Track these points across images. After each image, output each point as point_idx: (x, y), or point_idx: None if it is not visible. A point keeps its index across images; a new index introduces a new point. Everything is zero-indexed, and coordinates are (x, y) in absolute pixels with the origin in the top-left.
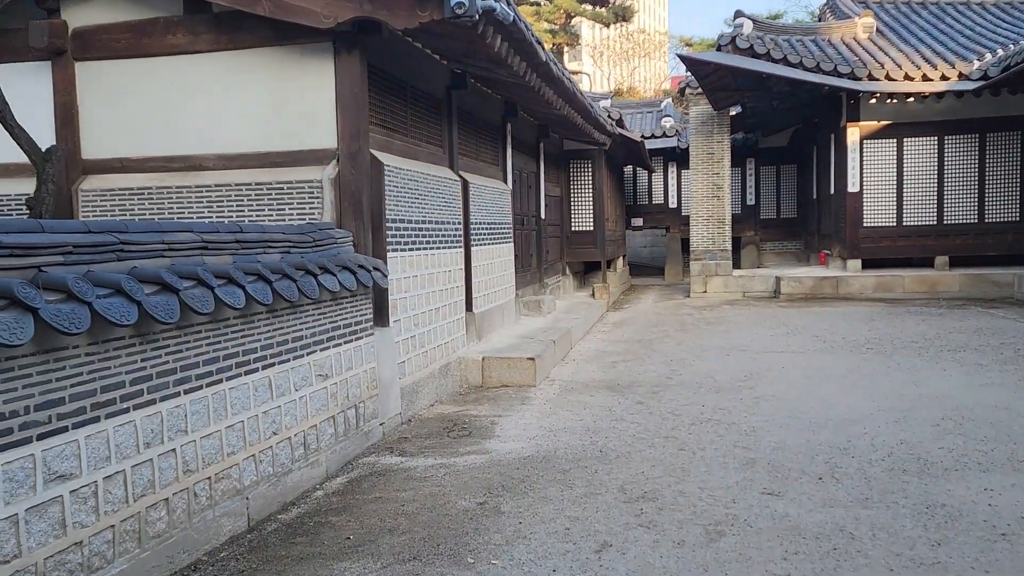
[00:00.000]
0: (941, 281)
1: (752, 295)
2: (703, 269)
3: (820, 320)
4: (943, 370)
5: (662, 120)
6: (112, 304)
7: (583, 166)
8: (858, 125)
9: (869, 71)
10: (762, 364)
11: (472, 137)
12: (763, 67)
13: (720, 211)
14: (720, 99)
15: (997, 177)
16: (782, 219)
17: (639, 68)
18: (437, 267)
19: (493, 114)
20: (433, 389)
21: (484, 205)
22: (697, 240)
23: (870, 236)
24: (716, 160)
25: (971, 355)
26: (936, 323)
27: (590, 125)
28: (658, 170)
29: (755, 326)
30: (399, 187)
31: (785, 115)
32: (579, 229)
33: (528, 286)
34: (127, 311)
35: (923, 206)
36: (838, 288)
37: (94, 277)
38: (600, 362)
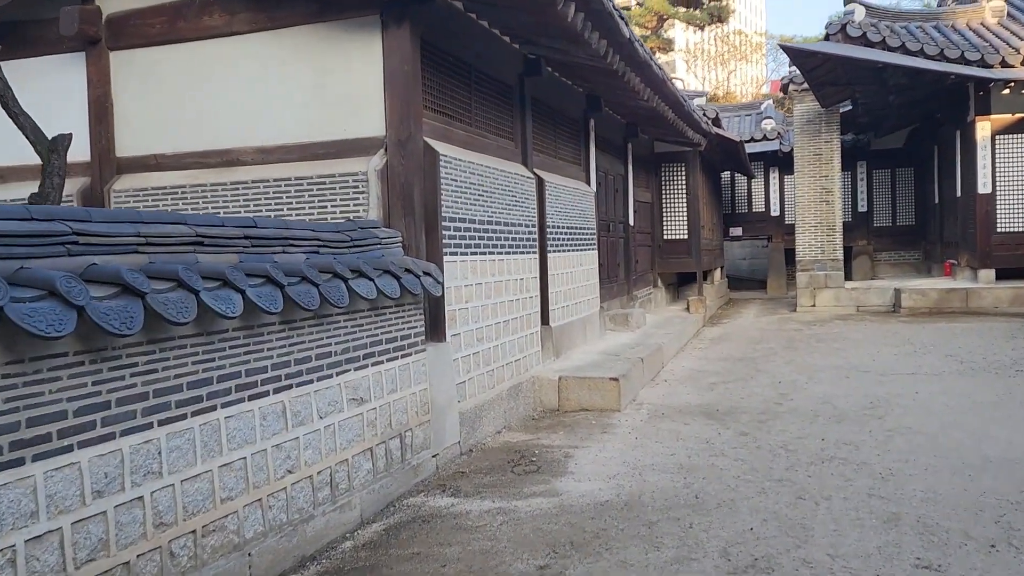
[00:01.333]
0: None
1: (867, 309)
2: (811, 281)
3: (951, 337)
4: None
5: (762, 122)
6: (38, 311)
7: (676, 169)
8: (988, 119)
9: (1003, 57)
10: (890, 389)
11: (549, 132)
12: (878, 56)
13: (829, 217)
14: (828, 95)
15: None
16: (898, 227)
17: (736, 72)
18: (506, 274)
19: (574, 107)
20: (500, 414)
21: (563, 207)
22: (804, 249)
23: (1004, 243)
24: (824, 162)
25: None
26: None
27: (682, 121)
28: (759, 176)
29: (875, 344)
30: (458, 181)
31: (902, 112)
32: (672, 238)
33: (615, 298)
34: (59, 320)
35: None
36: (968, 301)
37: (23, 276)
38: (696, 383)
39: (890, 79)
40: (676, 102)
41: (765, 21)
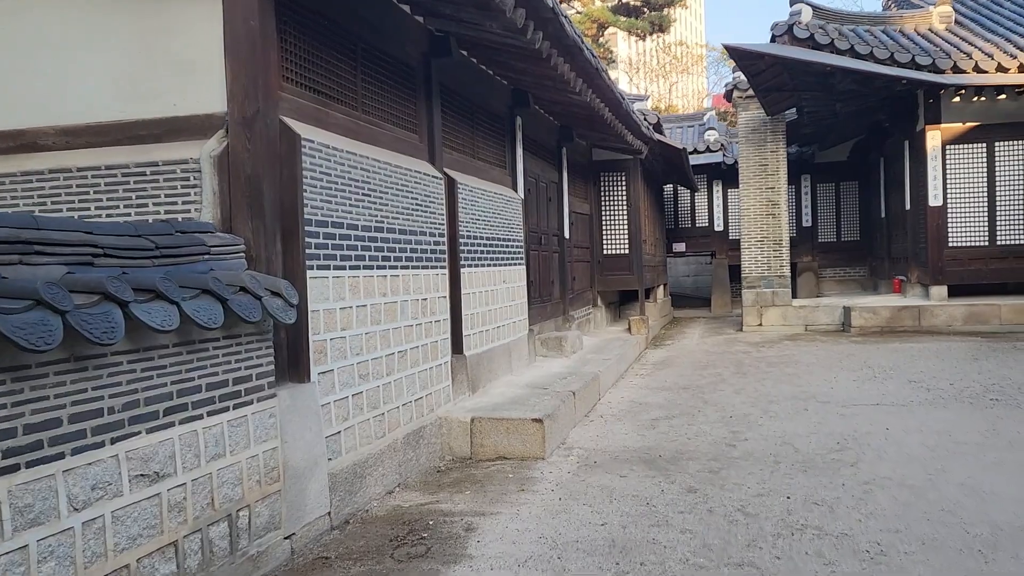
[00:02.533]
0: None
1: (816, 328)
2: (757, 299)
3: (910, 360)
4: None
5: (705, 133)
6: None
7: (616, 179)
8: (939, 128)
9: (954, 62)
10: (856, 424)
11: (466, 128)
12: (827, 59)
13: (776, 231)
14: (774, 101)
15: None
16: (843, 242)
17: (677, 85)
18: (402, 294)
19: (497, 102)
20: (393, 468)
21: (482, 215)
22: (750, 265)
23: (957, 258)
24: (770, 172)
25: None
26: None
27: (621, 124)
28: (702, 189)
29: (831, 368)
30: (332, 176)
31: (848, 122)
32: (612, 253)
33: (548, 319)
34: None
35: (1020, 221)
36: (920, 320)
37: None
38: (636, 419)
39: (838, 84)
40: (613, 100)
41: (704, 33)
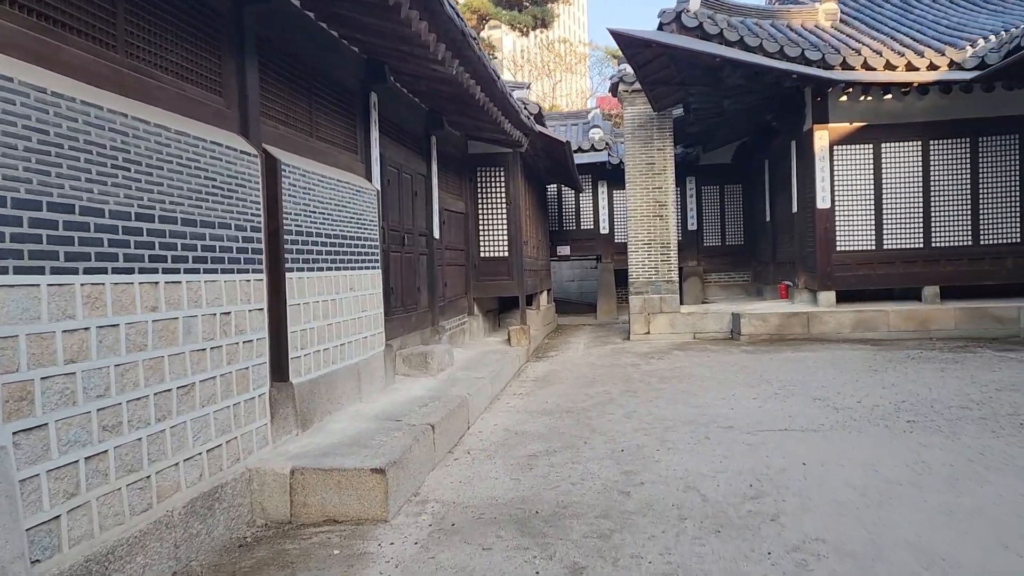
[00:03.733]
0: (933, 316)
1: (705, 336)
2: (645, 305)
3: (807, 372)
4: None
5: (590, 132)
6: None
7: (494, 175)
8: (826, 128)
9: (843, 58)
10: (767, 458)
11: (301, 99)
12: (716, 50)
13: (664, 234)
14: (661, 96)
15: (992, 190)
16: (728, 246)
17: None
18: (183, 308)
19: (345, 71)
20: (164, 554)
21: (321, 207)
22: (638, 270)
23: (845, 262)
24: (657, 172)
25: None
26: (960, 373)
27: (496, 107)
28: (587, 190)
29: (727, 383)
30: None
31: (735, 121)
32: (490, 256)
33: (412, 332)
34: None
35: (907, 225)
36: (810, 327)
37: None
38: (510, 455)
39: (726, 79)
40: (486, 77)
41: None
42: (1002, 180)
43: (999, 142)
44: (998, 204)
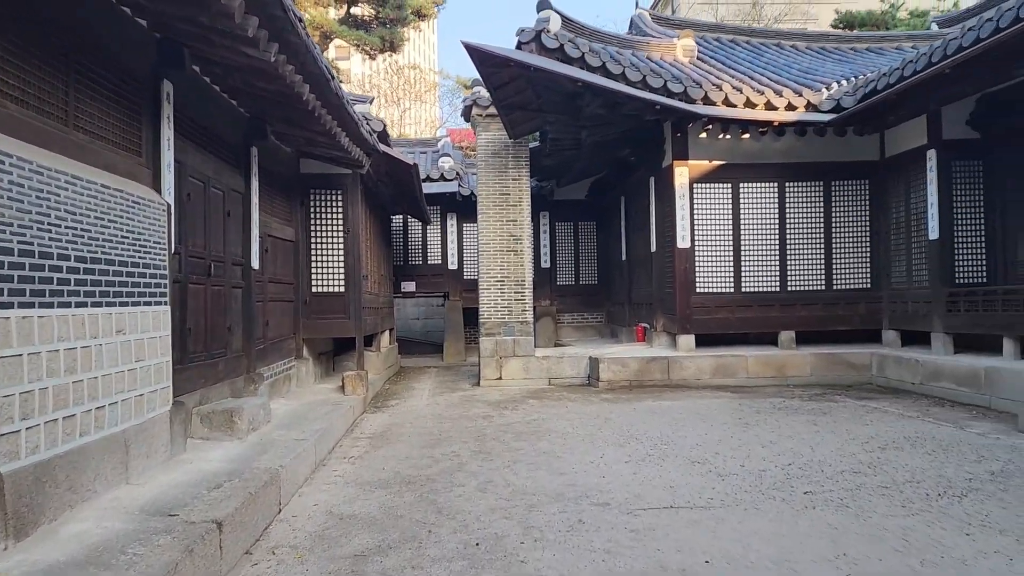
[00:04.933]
0: (790, 363)
1: (561, 382)
2: (497, 348)
3: (675, 426)
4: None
5: (440, 160)
6: None
7: (331, 199)
8: (686, 164)
9: (705, 93)
10: (661, 552)
11: (51, 73)
12: (579, 75)
13: (519, 270)
14: (518, 121)
15: (845, 234)
16: (581, 286)
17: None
18: None
19: (125, 50)
20: None
21: (71, 219)
22: (489, 309)
23: (704, 305)
24: (512, 203)
25: (995, 511)
26: (834, 428)
27: (332, 117)
28: (435, 222)
29: (593, 440)
30: None
31: (592, 155)
32: (324, 290)
33: (218, 383)
34: None
35: (765, 268)
36: (670, 372)
37: None
38: (328, 559)
39: (586, 107)
40: (318, 75)
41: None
42: (853, 225)
43: (850, 187)
44: (850, 249)
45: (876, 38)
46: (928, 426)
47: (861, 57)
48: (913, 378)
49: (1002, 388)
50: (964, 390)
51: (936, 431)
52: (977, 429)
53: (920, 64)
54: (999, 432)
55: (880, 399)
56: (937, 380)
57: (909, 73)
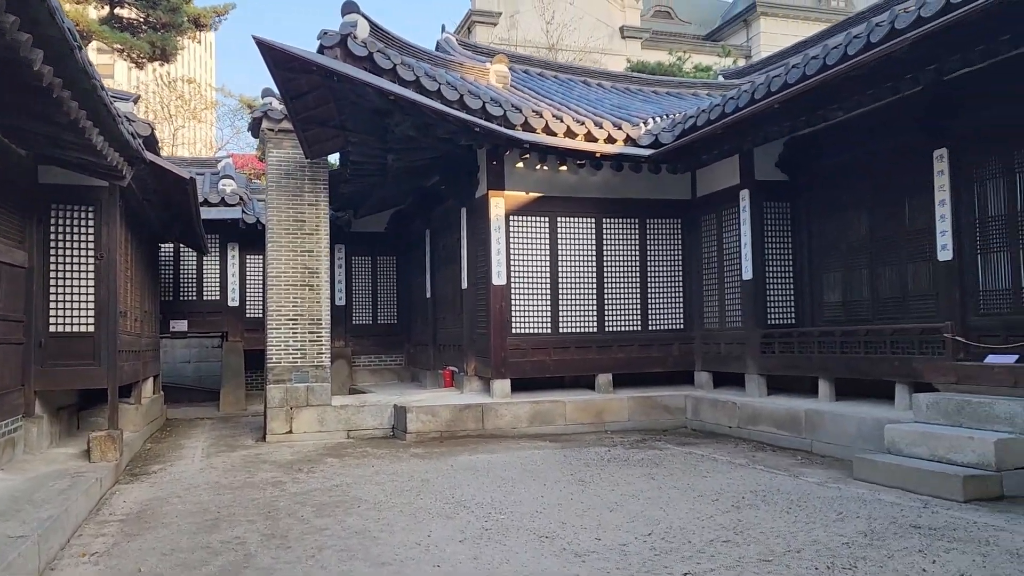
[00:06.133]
0: (608, 407)
1: (362, 435)
2: (287, 396)
3: (504, 485)
4: None
5: (220, 183)
6: None
7: (79, 217)
8: (503, 195)
9: (526, 118)
10: None
11: None
12: (392, 88)
13: (314, 308)
14: (316, 139)
15: (659, 273)
16: (380, 326)
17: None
18: None
19: None
20: None
21: None
22: (279, 351)
23: (520, 347)
24: (309, 231)
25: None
26: (675, 482)
27: (79, 105)
28: (213, 252)
29: (413, 512)
30: None
31: (397, 182)
32: (67, 330)
33: None
34: None
35: (582, 307)
36: (484, 421)
37: None
38: None
39: (396, 127)
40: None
41: (216, 77)
42: (667, 264)
43: (664, 225)
44: (664, 289)
45: (675, 83)
46: (765, 476)
47: (665, 99)
48: (730, 421)
49: (823, 432)
50: (784, 433)
51: (776, 482)
52: (812, 477)
53: (742, 101)
54: (835, 480)
55: (701, 444)
56: (755, 424)
57: (731, 109)
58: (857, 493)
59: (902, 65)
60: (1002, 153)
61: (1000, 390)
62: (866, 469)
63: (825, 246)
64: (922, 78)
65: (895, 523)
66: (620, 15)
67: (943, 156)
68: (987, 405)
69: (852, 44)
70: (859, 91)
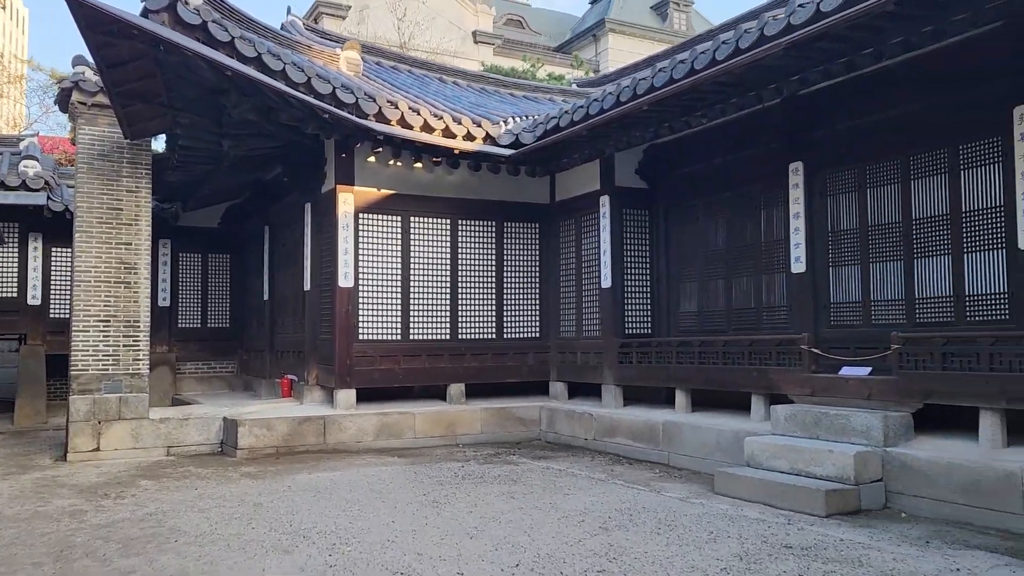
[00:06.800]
0: (460, 419)
1: (186, 452)
2: (95, 408)
3: (349, 509)
4: None
5: (22, 164)
6: None
7: None
8: (352, 190)
9: (380, 108)
10: None
11: None
12: (230, 64)
13: (132, 308)
14: (138, 117)
15: (516, 279)
16: (210, 329)
17: None
18: None
19: None
20: None
21: None
22: (86, 357)
23: (368, 354)
24: (127, 221)
25: None
26: (536, 502)
27: None
28: (10, 243)
29: (243, 544)
30: None
31: (234, 172)
32: None
33: None
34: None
35: (435, 313)
36: (326, 435)
37: None
38: None
39: (234, 108)
40: None
41: (26, 50)
42: (524, 270)
43: (522, 229)
44: (521, 296)
45: (532, 87)
46: (627, 492)
47: (522, 102)
48: (586, 434)
49: (681, 444)
50: (641, 446)
51: (640, 499)
52: (674, 493)
53: (607, 103)
54: (697, 495)
55: (558, 458)
56: (612, 436)
57: (595, 111)
58: (722, 509)
59: (769, 73)
60: (855, 168)
61: (855, 402)
62: (728, 483)
63: (683, 255)
64: (785, 88)
65: (767, 543)
66: (473, 20)
67: (799, 169)
68: (844, 417)
69: (720, 49)
70: (724, 98)
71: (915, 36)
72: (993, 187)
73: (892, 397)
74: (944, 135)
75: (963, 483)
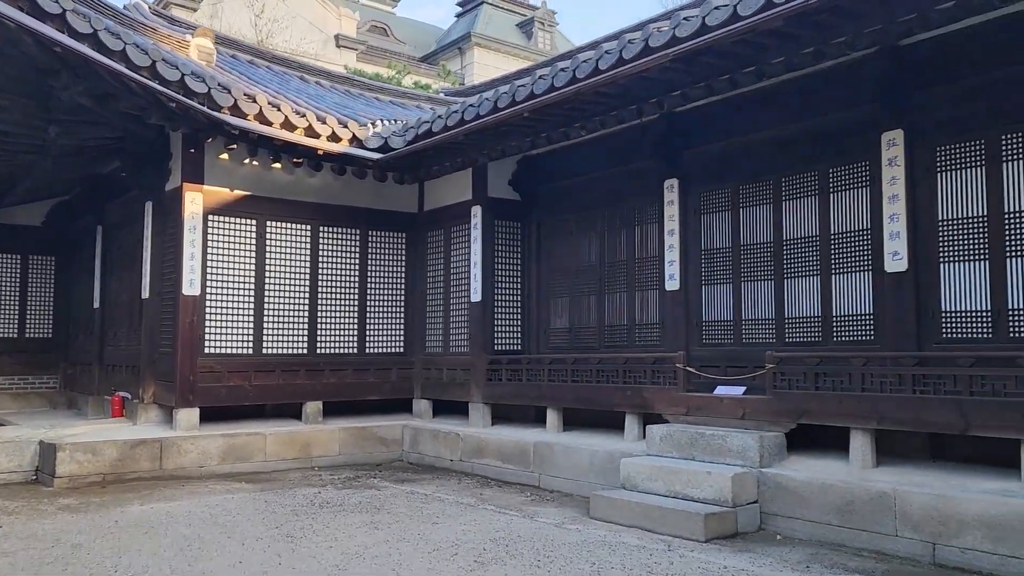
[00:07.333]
0: (316, 440)
1: None
2: None
3: (191, 552)
4: None
5: None
6: None
7: None
8: (201, 189)
9: (235, 101)
10: None
11: None
12: (60, 39)
13: None
14: None
15: (381, 291)
16: (28, 340)
17: None
18: None
19: None
20: None
21: None
22: None
23: (214, 370)
24: None
25: None
26: (402, 532)
27: None
28: None
29: None
30: None
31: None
32: None
33: None
34: None
35: (292, 326)
36: (163, 460)
37: None
38: None
39: (65, 91)
40: None
41: None
42: (390, 281)
43: (388, 239)
44: (385, 309)
45: (399, 92)
46: (499, 519)
47: (389, 107)
48: (452, 455)
49: (553, 465)
50: (510, 467)
51: (514, 526)
52: (548, 518)
53: (484, 108)
54: (572, 520)
55: (423, 481)
56: (480, 457)
57: (471, 116)
58: (600, 536)
59: (652, 86)
60: (729, 187)
61: (730, 421)
62: (604, 507)
63: (555, 270)
64: (667, 103)
65: (652, 573)
66: (336, 23)
67: (674, 186)
68: (721, 437)
69: (604, 59)
70: (605, 110)
71: (796, 57)
72: (861, 210)
73: (766, 417)
74: (816, 158)
75: (837, 504)
